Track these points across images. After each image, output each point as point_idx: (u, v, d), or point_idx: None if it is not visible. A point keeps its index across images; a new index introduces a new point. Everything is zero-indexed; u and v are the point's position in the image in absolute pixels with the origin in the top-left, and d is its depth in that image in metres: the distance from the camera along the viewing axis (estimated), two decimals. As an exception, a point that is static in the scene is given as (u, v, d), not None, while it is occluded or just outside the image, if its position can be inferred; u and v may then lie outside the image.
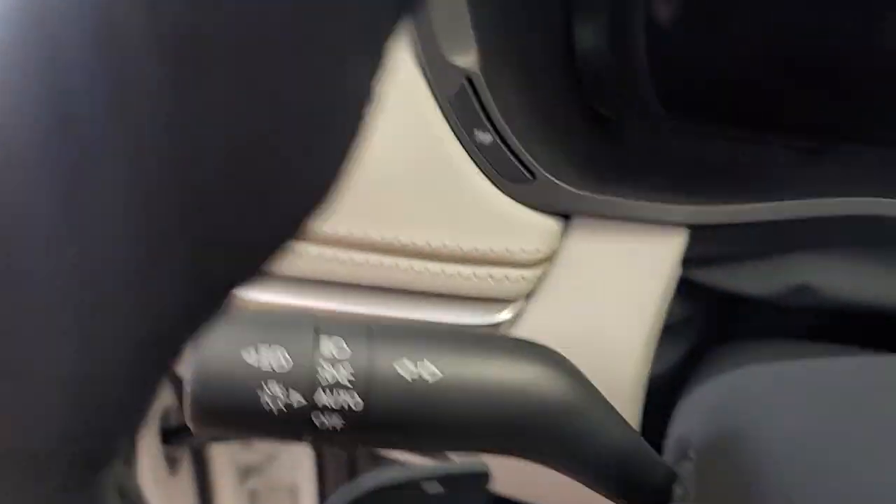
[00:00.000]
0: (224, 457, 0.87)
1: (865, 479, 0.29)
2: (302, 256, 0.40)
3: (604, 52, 0.47)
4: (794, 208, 0.39)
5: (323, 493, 0.84)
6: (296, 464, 0.87)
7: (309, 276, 0.41)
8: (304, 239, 0.40)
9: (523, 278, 0.39)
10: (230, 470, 0.90)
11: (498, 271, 0.39)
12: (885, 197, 0.38)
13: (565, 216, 0.40)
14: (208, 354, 0.27)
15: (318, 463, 0.80)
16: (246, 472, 0.92)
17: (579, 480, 0.32)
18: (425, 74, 0.38)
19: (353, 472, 0.78)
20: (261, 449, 0.91)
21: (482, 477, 0.23)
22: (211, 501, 0.88)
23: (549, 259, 0.40)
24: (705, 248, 0.40)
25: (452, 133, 0.38)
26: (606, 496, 0.33)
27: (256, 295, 0.41)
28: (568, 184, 0.39)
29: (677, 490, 0.34)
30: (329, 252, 0.40)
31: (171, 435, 0.78)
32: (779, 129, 0.46)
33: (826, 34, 0.45)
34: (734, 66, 0.47)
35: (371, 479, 0.23)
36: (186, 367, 0.27)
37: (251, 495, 0.93)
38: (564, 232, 0.40)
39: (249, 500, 0.93)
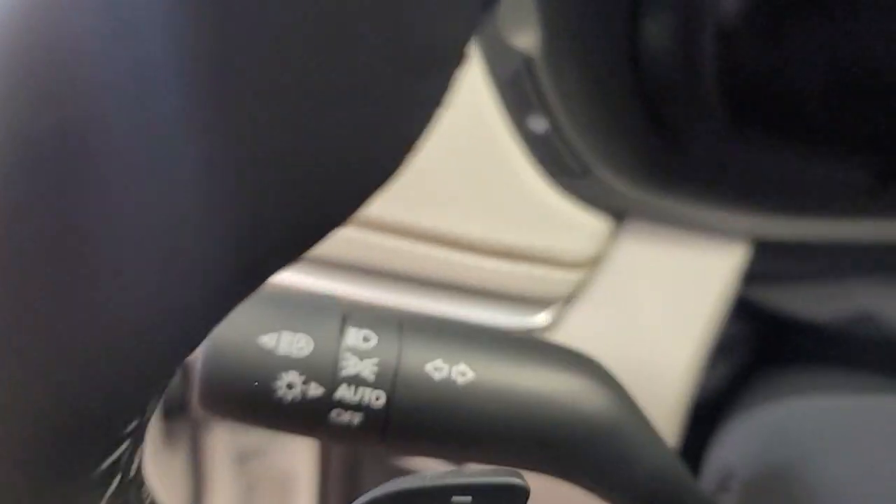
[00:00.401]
0: (223, 437, 0.86)
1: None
2: (334, 238, 0.37)
3: (670, 52, 0.44)
4: (864, 230, 0.37)
5: (324, 481, 0.82)
6: (295, 450, 0.86)
7: (339, 260, 0.38)
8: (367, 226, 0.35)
9: (565, 280, 0.37)
10: (227, 451, 0.88)
11: (539, 270, 0.37)
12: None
13: (618, 217, 0.37)
14: (223, 336, 0.25)
15: (320, 449, 0.77)
16: (243, 455, 0.90)
17: (609, 501, 0.30)
18: (481, 54, 0.36)
19: (355, 462, 0.76)
20: (260, 433, 0.89)
21: (520, 492, 0.21)
22: (204, 481, 0.86)
23: (595, 262, 0.37)
24: (766, 265, 0.37)
25: (504, 118, 0.35)
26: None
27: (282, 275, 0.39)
28: (623, 182, 0.36)
29: (716, 523, 0.31)
30: (361, 235, 0.37)
31: (172, 410, 0.76)
32: (851, 148, 0.44)
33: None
34: (807, 78, 0.44)
35: (397, 483, 0.20)
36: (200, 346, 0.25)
37: (247, 477, 0.91)
38: (615, 234, 0.37)
39: (244, 482, 0.91)
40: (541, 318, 0.38)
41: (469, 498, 0.21)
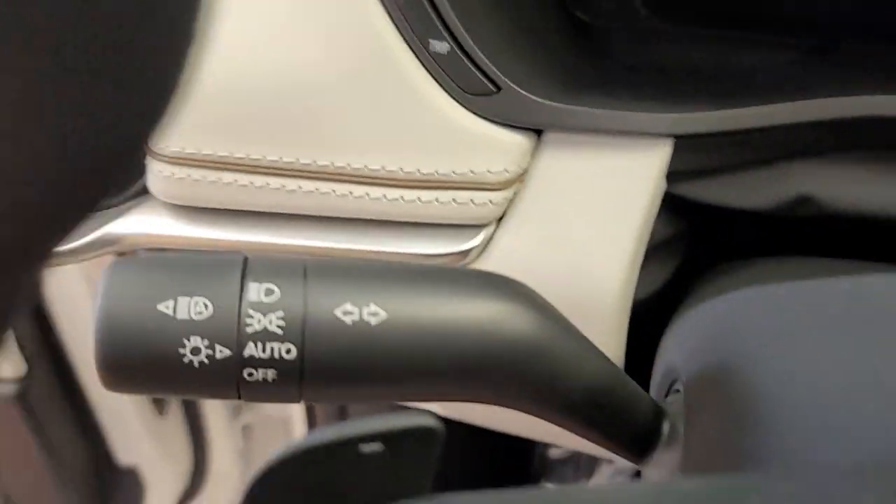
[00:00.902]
0: (212, 396, 0.86)
1: (866, 411, 0.26)
2: (245, 187, 0.36)
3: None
4: (788, 112, 0.36)
5: (313, 423, 0.82)
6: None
7: (255, 209, 0.37)
8: (243, 168, 0.35)
9: (491, 202, 0.36)
10: (221, 406, 0.88)
11: (463, 195, 0.36)
12: (888, 94, 0.34)
13: (537, 132, 0.36)
14: (117, 307, 0.24)
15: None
16: (237, 407, 0.90)
17: (554, 423, 0.29)
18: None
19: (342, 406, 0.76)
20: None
21: (430, 433, 0.20)
22: (203, 439, 0.86)
23: (519, 180, 0.36)
24: (692, 159, 0.36)
25: (404, 42, 0.34)
26: (587, 438, 0.30)
27: (192, 231, 0.38)
28: (537, 95, 0.35)
29: (665, 427, 0.31)
30: (276, 181, 0.36)
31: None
32: (776, 27, 0.42)
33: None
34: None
35: (299, 441, 0.20)
36: (93, 321, 0.24)
37: (244, 430, 0.92)
38: (536, 149, 0.36)
39: (242, 434, 0.91)
40: (472, 243, 0.37)
41: (379, 445, 0.20)
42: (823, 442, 0.25)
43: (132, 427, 0.77)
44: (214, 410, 0.87)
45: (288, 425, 0.92)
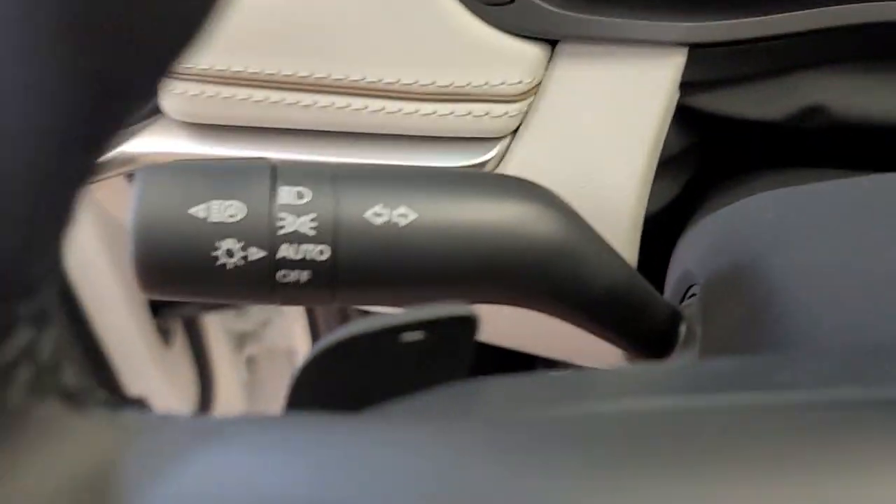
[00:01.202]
0: (218, 325, 0.87)
1: (883, 303, 0.26)
2: (260, 103, 0.36)
3: None
4: (802, 20, 0.36)
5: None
6: (290, 327, 0.87)
7: (270, 125, 0.37)
8: (258, 83, 0.35)
9: (507, 114, 0.36)
10: (225, 338, 0.89)
11: (479, 107, 0.36)
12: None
13: (551, 42, 0.36)
14: (152, 211, 0.24)
15: (312, 325, 0.78)
16: (241, 339, 0.91)
17: (576, 325, 0.30)
18: None
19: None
20: (254, 316, 0.90)
21: (468, 321, 0.21)
22: (209, 371, 0.88)
23: (534, 91, 0.37)
24: (706, 69, 0.36)
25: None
26: (607, 340, 0.31)
27: (206, 149, 0.38)
28: (552, 5, 0.35)
29: (682, 330, 0.32)
30: (291, 96, 0.36)
31: (161, 306, 0.76)
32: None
33: None
34: None
35: (344, 330, 0.20)
36: (128, 226, 0.24)
37: (249, 361, 0.93)
38: (550, 60, 0.36)
39: (247, 366, 0.93)
40: (487, 155, 0.37)
41: (420, 334, 0.21)
42: (842, 335, 0.26)
43: (139, 358, 0.78)
44: (219, 342, 0.88)
45: (292, 357, 0.93)
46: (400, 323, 0.20)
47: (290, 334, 0.89)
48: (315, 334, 0.81)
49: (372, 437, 0.16)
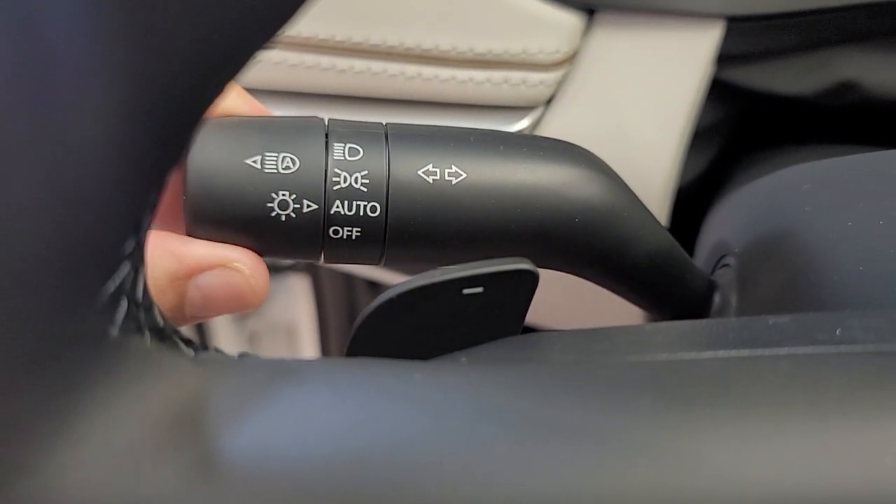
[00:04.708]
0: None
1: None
2: (311, 69, 0.36)
3: None
4: (838, -5, 0.36)
5: (323, 331, 0.83)
6: (293, 303, 0.87)
7: (310, 90, 0.37)
8: (309, 48, 0.35)
9: (543, 82, 0.36)
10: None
11: (515, 75, 0.36)
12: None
13: (589, 11, 0.36)
14: (207, 160, 0.24)
15: (318, 301, 0.78)
16: (243, 315, 0.91)
17: (614, 290, 0.30)
18: None
19: (352, 309, 0.77)
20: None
21: (528, 275, 0.21)
22: (208, 341, 0.88)
23: (570, 60, 0.37)
24: (742, 43, 0.36)
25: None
26: (642, 308, 0.31)
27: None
28: (590, -27, 0.35)
29: (716, 299, 0.32)
30: (327, 60, 0.36)
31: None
32: None
33: None
34: None
35: (407, 283, 0.20)
36: (185, 174, 0.24)
37: (250, 337, 0.93)
38: (587, 29, 0.36)
39: (249, 341, 0.93)
40: (522, 123, 0.37)
41: (480, 288, 0.21)
42: (883, 301, 0.26)
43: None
44: (220, 318, 0.88)
45: (293, 334, 0.93)
46: (462, 275, 0.20)
47: (291, 311, 0.89)
48: (322, 311, 0.81)
49: (447, 378, 0.16)
